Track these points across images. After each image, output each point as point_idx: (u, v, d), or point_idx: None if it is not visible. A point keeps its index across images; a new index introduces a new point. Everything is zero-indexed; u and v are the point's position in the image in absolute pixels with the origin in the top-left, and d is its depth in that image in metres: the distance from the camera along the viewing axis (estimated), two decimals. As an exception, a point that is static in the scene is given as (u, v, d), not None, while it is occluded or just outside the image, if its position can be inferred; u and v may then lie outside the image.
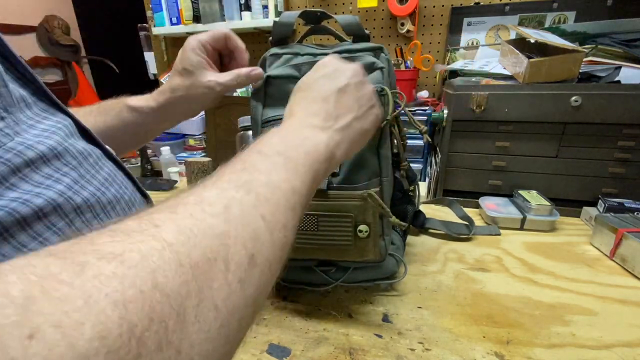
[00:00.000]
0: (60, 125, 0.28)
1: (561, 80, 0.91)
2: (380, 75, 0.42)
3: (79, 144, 0.29)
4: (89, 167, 0.28)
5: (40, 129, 0.26)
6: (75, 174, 0.27)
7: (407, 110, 0.49)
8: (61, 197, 0.24)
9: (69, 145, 0.27)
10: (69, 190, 0.25)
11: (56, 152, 0.26)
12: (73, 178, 0.26)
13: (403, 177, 0.53)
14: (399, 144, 0.49)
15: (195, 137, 1.65)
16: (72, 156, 0.27)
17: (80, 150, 0.28)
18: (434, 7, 1.51)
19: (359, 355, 0.39)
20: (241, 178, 0.22)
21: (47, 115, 0.28)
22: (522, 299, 0.48)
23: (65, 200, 0.24)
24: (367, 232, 0.41)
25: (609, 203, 0.69)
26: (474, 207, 0.77)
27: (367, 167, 0.42)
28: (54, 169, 0.25)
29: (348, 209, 0.41)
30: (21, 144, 0.23)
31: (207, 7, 1.73)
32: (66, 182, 0.25)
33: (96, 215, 0.27)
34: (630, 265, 0.53)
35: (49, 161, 0.25)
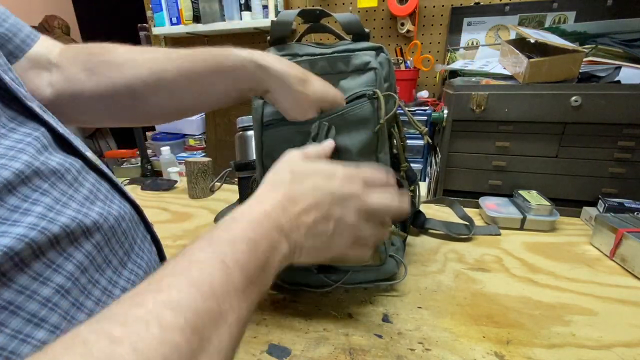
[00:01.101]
0: (30, 139, 0.24)
1: (561, 80, 0.91)
2: (374, 76, 0.41)
3: (54, 160, 0.25)
4: (65, 187, 0.25)
5: (3, 148, 0.22)
6: (49, 199, 0.23)
7: (407, 110, 0.49)
8: (33, 230, 0.21)
9: (40, 165, 0.23)
10: (42, 220, 0.22)
11: (23, 177, 0.22)
12: (46, 204, 0.23)
13: (403, 178, 0.53)
14: (399, 145, 0.49)
15: (195, 137, 1.65)
16: (43, 178, 0.23)
17: (54, 169, 0.25)
18: (434, 7, 1.51)
19: (359, 355, 0.39)
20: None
21: (15, 125, 0.24)
22: (522, 299, 0.48)
23: (38, 233, 0.21)
24: None
25: (609, 203, 0.69)
26: (474, 207, 0.77)
27: None
28: (22, 197, 0.22)
29: None
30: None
31: (207, 7, 1.73)
32: (37, 212, 0.22)
33: (77, 244, 0.24)
34: (630, 265, 0.53)
35: (14, 189, 0.21)
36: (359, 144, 0.39)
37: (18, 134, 0.23)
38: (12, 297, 0.19)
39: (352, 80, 0.42)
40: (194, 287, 0.18)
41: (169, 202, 0.89)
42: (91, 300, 0.24)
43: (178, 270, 0.20)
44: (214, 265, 0.20)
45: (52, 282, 0.22)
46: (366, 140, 0.39)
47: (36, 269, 0.21)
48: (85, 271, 0.24)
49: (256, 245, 0.23)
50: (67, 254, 0.23)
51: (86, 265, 0.24)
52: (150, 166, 1.20)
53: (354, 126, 0.39)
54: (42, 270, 0.21)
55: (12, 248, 0.19)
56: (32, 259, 0.21)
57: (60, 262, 0.22)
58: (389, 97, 0.40)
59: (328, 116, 0.39)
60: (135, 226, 0.31)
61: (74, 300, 0.23)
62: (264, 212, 0.25)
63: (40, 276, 0.21)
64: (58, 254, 0.22)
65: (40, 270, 0.21)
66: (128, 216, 0.30)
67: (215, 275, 0.20)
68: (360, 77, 0.41)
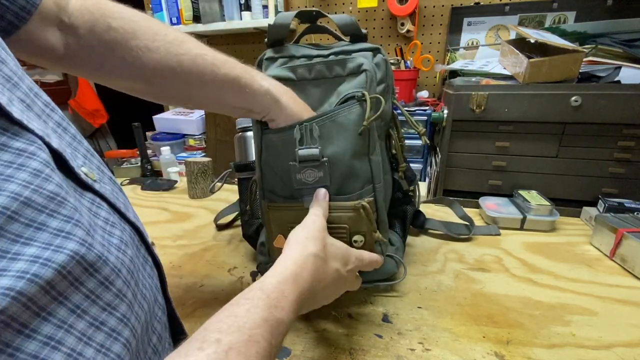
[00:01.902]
0: (22, 159, 0.20)
1: (561, 80, 0.91)
2: (364, 78, 0.41)
3: (53, 182, 0.21)
4: (64, 216, 0.21)
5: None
6: (47, 235, 0.20)
7: (405, 111, 0.49)
8: (21, 279, 0.17)
9: (30, 194, 0.20)
10: (33, 265, 0.18)
11: (9, 213, 0.18)
12: (43, 242, 0.19)
13: (402, 179, 0.53)
14: (397, 145, 0.49)
15: (195, 137, 1.65)
16: (37, 209, 0.20)
17: (52, 193, 0.21)
18: (434, 7, 1.51)
19: (359, 355, 0.39)
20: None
21: (6, 140, 0.20)
22: (522, 299, 0.48)
23: (41, 266, 0.18)
24: (362, 241, 0.41)
25: (609, 203, 0.69)
26: (474, 207, 0.77)
27: (359, 175, 0.41)
28: (10, 239, 0.18)
29: (342, 220, 0.40)
30: None
31: (207, 7, 1.73)
32: (29, 254, 0.19)
33: (79, 282, 0.21)
34: (630, 265, 0.53)
35: (1, 230, 0.18)
36: (350, 146, 0.39)
37: (8, 153, 0.20)
38: (10, 339, 0.17)
39: (348, 84, 0.42)
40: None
41: (169, 202, 0.89)
42: (92, 348, 0.21)
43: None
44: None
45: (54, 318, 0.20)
46: (356, 143, 0.39)
47: (33, 327, 0.18)
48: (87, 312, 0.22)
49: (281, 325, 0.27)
50: (65, 296, 0.20)
51: (85, 307, 0.22)
52: (150, 166, 1.20)
53: (343, 129, 0.39)
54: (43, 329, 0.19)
55: (4, 310, 0.17)
56: (22, 315, 0.18)
57: (61, 313, 0.20)
58: (377, 100, 0.40)
59: (317, 119, 0.39)
60: (136, 250, 0.29)
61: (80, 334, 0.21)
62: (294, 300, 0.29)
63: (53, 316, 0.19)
64: (48, 297, 0.19)
65: (40, 328, 0.19)
66: (130, 241, 0.28)
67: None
68: (354, 79, 0.41)
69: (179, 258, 0.62)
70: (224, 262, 0.61)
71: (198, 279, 0.56)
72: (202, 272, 0.58)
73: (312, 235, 0.35)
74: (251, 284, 0.29)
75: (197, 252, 0.65)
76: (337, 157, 0.39)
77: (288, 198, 0.42)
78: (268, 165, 0.43)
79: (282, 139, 0.40)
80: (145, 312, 0.27)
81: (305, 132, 0.39)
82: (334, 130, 0.39)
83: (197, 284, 0.54)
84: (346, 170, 0.40)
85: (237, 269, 0.58)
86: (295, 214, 0.39)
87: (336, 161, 0.39)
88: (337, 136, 0.39)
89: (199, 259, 0.62)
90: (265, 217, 0.45)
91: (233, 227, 0.75)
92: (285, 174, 0.41)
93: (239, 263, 0.60)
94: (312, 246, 0.34)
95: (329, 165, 0.39)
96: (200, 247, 0.66)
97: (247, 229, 0.60)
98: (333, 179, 0.40)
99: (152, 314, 0.28)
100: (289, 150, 0.40)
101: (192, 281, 0.55)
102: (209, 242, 0.68)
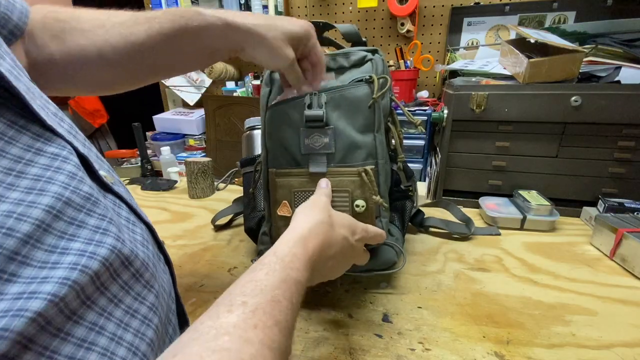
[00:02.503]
0: (58, 163, 0.22)
1: (561, 80, 0.91)
2: (371, 66, 0.46)
3: (86, 183, 0.23)
4: (99, 215, 0.23)
5: (31, 178, 0.20)
6: (87, 231, 0.22)
7: (402, 105, 0.51)
8: (74, 270, 0.19)
9: (70, 194, 0.21)
10: (81, 258, 0.20)
11: (55, 212, 0.20)
12: (86, 239, 0.21)
13: (400, 170, 0.54)
14: (396, 139, 0.50)
15: (195, 137, 1.65)
16: (77, 208, 0.22)
17: (87, 194, 0.23)
18: (434, 7, 1.51)
19: (359, 355, 0.39)
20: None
21: (41, 145, 0.21)
22: (522, 299, 0.48)
23: (79, 274, 0.20)
24: (364, 207, 0.43)
25: (609, 203, 0.69)
26: (474, 207, 0.77)
27: (363, 148, 0.44)
28: (58, 235, 0.20)
29: (345, 184, 0.43)
30: (8, 215, 0.18)
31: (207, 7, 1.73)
32: (76, 249, 0.20)
33: (117, 274, 0.23)
34: (630, 265, 0.53)
35: (49, 226, 0.20)
36: (356, 120, 0.44)
37: (44, 157, 0.21)
38: (47, 342, 0.18)
39: (350, 73, 0.46)
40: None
41: (169, 202, 0.89)
42: (130, 333, 0.24)
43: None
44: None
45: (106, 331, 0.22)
46: (363, 117, 0.44)
47: (80, 313, 0.20)
48: (119, 303, 0.24)
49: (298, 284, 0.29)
50: (110, 281, 0.23)
51: (121, 297, 0.24)
52: (150, 166, 1.20)
53: (351, 104, 0.43)
54: (89, 316, 0.21)
55: (62, 297, 0.19)
56: (78, 305, 0.20)
57: (101, 300, 0.22)
58: (384, 80, 0.44)
59: (327, 91, 0.43)
60: (153, 247, 0.30)
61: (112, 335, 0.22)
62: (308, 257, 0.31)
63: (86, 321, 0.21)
64: (94, 287, 0.21)
65: (88, 316, 0.21)
66: (145, 238, 0.29)
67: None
68: (359, 69, 0.46)
69: (179, 258, 0.62)
70: (223, 262, 0.61)
71: (198, 279, 0.56)
72: (202, 272, 0.58)
73: (318, 207, 0.37)
74: None
75: (197, 252, 0.65)
76: (343, 128, 0.43)
77: (294, 166, 0.46)
78: (273, 139, 0.47)
79: (292, 106, 0.44)
80: (164, 304, 0.29)
81: (313, 99, 0.43)
82: (343, 103, 0.43)
83: (197, 284, 0.54)
84: (350, 141, 0.43)
85: (237, 269, 0.58)
86: (301, 180, 0.45)
87: (341, 131, 0.43)
88: (344, 108, 0.43)
89: (199, 259, 0.62)
90: (272, 184, 0.48)
91: (232, 227, 0.75)
92: (291, 140, 0.45)
93: (238, 263, 0.60)
94: (319, 215, 0.36)
95: (334, 133, 0.43)
96: (200, 247, 0.66)
97: (249, 222, 0.60)
98: (338, 147, 0.43)
99: (168, 307, 0.31)
100: (296, 118, 0.44)
101: (192, 281, 0.55)
102: (209, 242, 0.68)
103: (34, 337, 0.17)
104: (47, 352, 0.18)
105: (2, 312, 0.16)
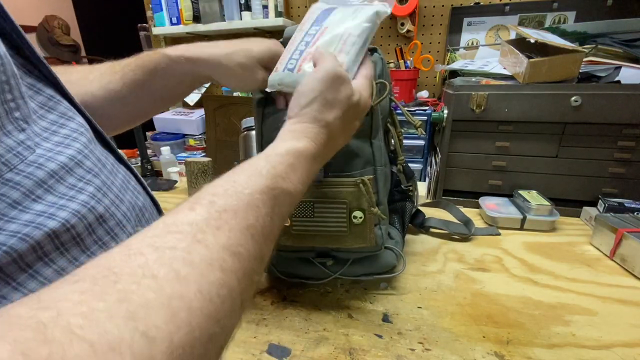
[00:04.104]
0: (83, 130, 0.27)
1: (561, 80, 0.91)
2: None
3: (97, 150, 0.28)
4: (108, 174, 0.28)
5: (61, 136, 0.25)
6: (98, 181, 0.26)
7: (402, 106, 0.50)
8: (84, 207, 0.24)
9: (89, 153, 0.26)
10: (92, 200, 0.24)
11: (76, 161, 0.25)
12: (96, 185, 0.25)
13: (400, 172, 0.54)
14: (396, 141, 0.50)
15: (195, 137, 1.65)
16: (93, 163, 0.26)
17: (99, 157, 0.28)
18: (434, 7, 1.51)
19: (359, 355, 0.39)
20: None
21: (66, 120, 0.27)
22: (522, 299, 0.48)
23: (88, 211, 0.24)
24: (361, 218, 0.42)
25: (609, 203, 0.69)
26: (474, 207, 0.77)
27: (361, 156, 0.43)
28: (78, 177, 0.25)
29: (343, 195, 0.42)
30: (42, 155, 0.23)
31: (207, 7, 1.73)
32: (89, 191, 0.25)
33: (119, 223, 0.26)
34: (630, 265, 0.53)
35: (71, 170, 0.24)
36: None
37: (70, 126, 0.26)
38: (64, 265, 0.22)
39: None
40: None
41: (169, 202, 0.89)
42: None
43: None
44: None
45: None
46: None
47: (87, 242, 0.24)
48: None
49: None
50: (111, 230, 0.26)
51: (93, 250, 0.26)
52: (150, 166, 1.20)
53: None
54: (90, 245, 0.24)
55: (68, 220, 0.22)
56: (83, 231, 0.23)
57: (101, 234, 0.25)
58: (382, 84, 0.42)
59: None
60: (154, 219, 0.32)
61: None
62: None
63: (88, 250, 0.24)
64: (103, 229, 0.25)
65: (89, 245, 0.24)
66: (149, 210, 0.32)
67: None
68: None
69: (179, 258, 0.62)
70: (224, 262, 0.61)
71: (198, 279, 0.56)
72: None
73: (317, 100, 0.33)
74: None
75: (197, 252, 0.64)
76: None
77: None
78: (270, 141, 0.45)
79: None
80: None
81: None
82: None
83: (197, 284, 0.54)
84: (346, 149, 0.42)
85: (237, 269, 0.58)
86: None
87: None
88: None
89: (199, 259, 0.62)
90: None
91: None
92: None
93: (239, 263, 0.60)
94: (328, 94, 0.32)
95: None
96: (200, 247, 0.66)
97: None
98: (336, 157, 0.41)
99: None
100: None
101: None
102: (209, 242, 0.68)
103: (48, 250, 0.21)
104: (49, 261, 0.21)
105: (27, 222, 0.20)
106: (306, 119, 0.32)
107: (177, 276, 0.16)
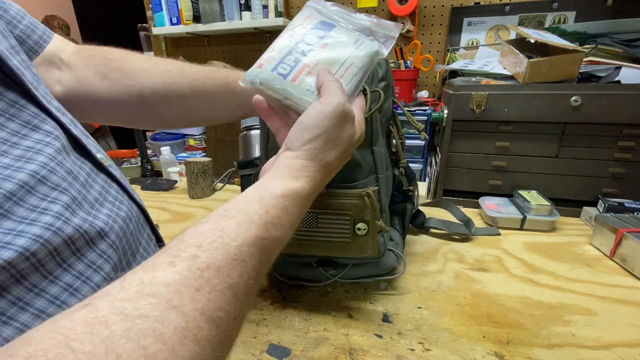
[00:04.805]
0: (50, 139, 0.24)
1: (561, 80, 0.91)
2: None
3: (68, 161, 0.26)
4: (80, 187, 0.25)
5: (22, 149, 0.23)
6: (67, 198, 0.24)
7: (405, 109, 0.50)
8: (48, 230, 0.21)
9: (56, 165, 0.24)
10: (57, 220, 0.22)
11: (39, 177, 0.22)
12: (64, 203, 0.23)
13: (402, 175, 0.53)
14: (398, 143, 0.50)
15: (195, 137, 1.65)
16: (61, 177, 0.24)
17: (69, 169, 0.25)
18: (434, 7, 1.51)
19: (359, 355, 0.39)
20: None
21: (30, 130, 0.24)
22: (522, 299, 0.48)
23: (53, 234, 0.22)
24: (365, 229, 0.42)
25: (609, 203, 0.69)
26: (474, 207, 0.77)
27: (363, 165, 0.42)
28: (41, 196, 0.22)
29: (347, 207, 0.41)
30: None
31: (207, 7, 1.73)
32: (55, 211, 0.22)
33: (88, 242, 0.24)
34: (630, 265, 0.53)
35: (33, 189, 0.22)
36: None
37: (38, 133, 0.24)
38: (21, 294, 0.20)
39: None
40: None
41: (169, 202, 0.89)
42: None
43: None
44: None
45: (60, 282, 0.23)
46: None
47: (49, 268, 0.22)
48: (98, 270, 0.25)
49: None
50: (81, 254, 0.24)
51: (99, 264, 0.25)
52: (150, 166, 1.20)
53: None
54: (56, 272, 0.22)
55: (27, 249, 0.20)
56: (47, 259, 0.22)
57: (72, 261, 0.23)
58: (377, 93, 0.41)
59: None
60: (141, 228, 0.32)
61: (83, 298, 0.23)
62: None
63: (51, 274, 0.22)
64: (70, 251, 0.23)
65: (55, 272, 0.22)
66: (135, 218, 0.31)
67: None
68: None
69: (179, 258, 0.62)
70: (224, 262, 0.61)
71: (198, 279, 0.56)
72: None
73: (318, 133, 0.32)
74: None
75: (197, 252, 0.64)
76: None
77: None
78: (276, 149, 0.45)
79: None
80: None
81: None
82: None
83: (197, 284, 0.54)
84: (352, 158, 0.41)
85: (237, 269, 0.58)
86: None
87: None
88: None
89: (199, 259, 0.62)
90: None
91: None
92: None
93: (239, 263, 0.60)
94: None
95: None
96: (200, 247, 0.66)
97: None
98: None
99: None
100: None
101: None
102: (209, 242, 0.68)
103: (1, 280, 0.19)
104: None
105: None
106: (307, 155, 0.30)
107: (145, 355, 0.14)
